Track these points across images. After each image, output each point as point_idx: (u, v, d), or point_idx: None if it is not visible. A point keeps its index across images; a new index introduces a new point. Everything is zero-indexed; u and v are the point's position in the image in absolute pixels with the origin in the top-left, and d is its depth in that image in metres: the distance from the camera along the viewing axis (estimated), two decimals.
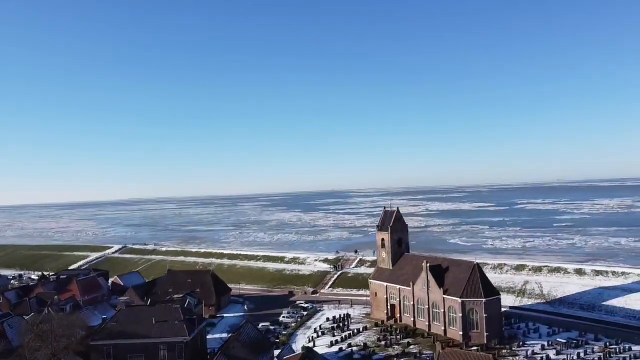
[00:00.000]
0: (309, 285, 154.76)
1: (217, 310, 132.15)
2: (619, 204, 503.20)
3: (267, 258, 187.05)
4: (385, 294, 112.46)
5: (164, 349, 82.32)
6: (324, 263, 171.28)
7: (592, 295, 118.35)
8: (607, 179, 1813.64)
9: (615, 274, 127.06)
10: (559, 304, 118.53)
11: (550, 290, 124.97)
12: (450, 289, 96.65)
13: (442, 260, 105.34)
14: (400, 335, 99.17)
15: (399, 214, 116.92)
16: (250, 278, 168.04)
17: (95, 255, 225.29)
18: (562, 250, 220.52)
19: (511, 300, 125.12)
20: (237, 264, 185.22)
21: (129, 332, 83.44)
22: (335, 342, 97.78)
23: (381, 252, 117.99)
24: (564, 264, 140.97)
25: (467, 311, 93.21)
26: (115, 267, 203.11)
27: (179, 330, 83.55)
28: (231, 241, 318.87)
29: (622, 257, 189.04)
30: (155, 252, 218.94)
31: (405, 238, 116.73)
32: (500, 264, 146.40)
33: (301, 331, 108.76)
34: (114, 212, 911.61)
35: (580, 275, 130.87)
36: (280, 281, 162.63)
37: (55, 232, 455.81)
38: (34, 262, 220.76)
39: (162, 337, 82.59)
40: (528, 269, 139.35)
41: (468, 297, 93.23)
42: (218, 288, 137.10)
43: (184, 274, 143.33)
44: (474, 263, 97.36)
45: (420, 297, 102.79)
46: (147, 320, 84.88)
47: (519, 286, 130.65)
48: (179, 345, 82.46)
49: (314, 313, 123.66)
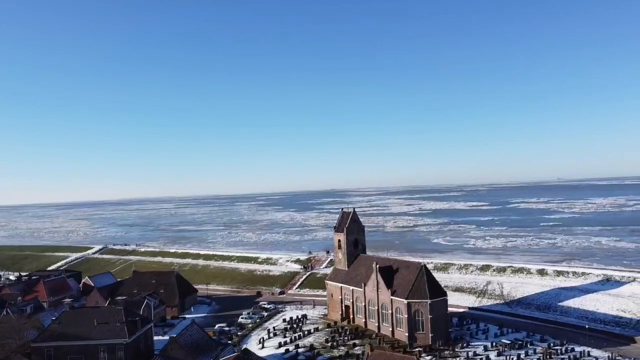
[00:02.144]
0: (277, 286, 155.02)
1: (180, 311, 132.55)
2: (612, 203, 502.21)
3: (241, 259, 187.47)
4: (340, 295, 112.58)
5: (104, 350, 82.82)
6: (295, 264, 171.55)
7: (549, 296, 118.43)
8: (607, 177, 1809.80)
9: (575, 274, 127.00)
10: (516, 305, 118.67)
11: (510, 290, 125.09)
12: (398, 290, 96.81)
13: (393, 262, 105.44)
14: (349, 336, 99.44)
15: (356, 216, 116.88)
16: (222, 279, 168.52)
17: (75, 255, 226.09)
18: (542, 250, 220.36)
19: (471, 301, 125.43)
20: (211, 265, 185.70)
21: (70, 334, 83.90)
22: (285, 343, 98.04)
23: (338, 253, 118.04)
24: (527, 265, 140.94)
25: (413, 312, 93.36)
26: (93, 267, 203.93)
27: (119, 332, 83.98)
28: (218, 241, 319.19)
29: (599, 257, 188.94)
30: (134, 253, 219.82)
31: (361, 239, 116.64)
32: (466, 265, 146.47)
33: (256, 332, 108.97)
34: (112, 212, 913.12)
35: (542, 275, 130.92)
36: (251, 282, 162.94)
37: (46, 232, 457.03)
38: (14, 263, 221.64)
39: (102, 339, 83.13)
40: (492, 270, 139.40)
41: (414, 299, 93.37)
42: (183, 289, 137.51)
43: (149, 274, 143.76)
44: (421, 264, 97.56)
45: (371, 298, 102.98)
46: (89, 322, 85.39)
47: (481, 287, 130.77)
48: (118, 347, 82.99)
49: (275, 314, 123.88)
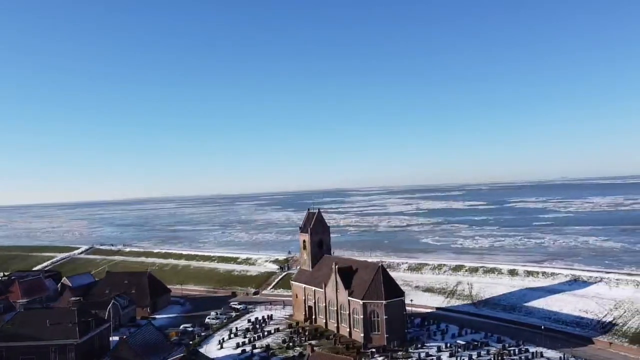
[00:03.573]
0: (253, 286, 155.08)
1: (152, 312, 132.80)
2: (609, 203, 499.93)
3: (221, 259, 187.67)
4: (304, 295, 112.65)
5: (55, 351, 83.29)
6: (273, 264, 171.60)
7: (516, 297, 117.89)
8: (612, 176, 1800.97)
9: (545, 274, 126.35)
10: (483, 305, 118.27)
11: (479, 291, 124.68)
12: (355, 290, 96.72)
13: (353, 262, 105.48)
14: (308, 337, 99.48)
15: (320, 216, 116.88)
16: (200, 279, 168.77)
17: (61, 255, 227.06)
18: (527, 250, 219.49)
19: (440, 301, 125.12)
20: (192, 265, 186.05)
21: (22, 334, 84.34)
22: (243, 344, 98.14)
23: (303, 254, 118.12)
24: (499, 265, 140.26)
25: (369, 313, 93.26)
26: (78, 267, 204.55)
27: (70, 332, 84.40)
28: (210, 241, 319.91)
29: (582, 257, 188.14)
30: (119, 253, 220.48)
31: (326, 240, 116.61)
32: (439, 265, 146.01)
33: (220, 333, 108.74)
34: (113, 212, 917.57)
35: (513, 276, 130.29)
36: (228, 282, 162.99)
37: (43, 232, 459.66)
38: (1, 263, 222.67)
39: (54, 340, 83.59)
40: (465, 270, 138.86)
41: (369, 299, 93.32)
42: (154, 289, 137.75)
43: (122, 275, 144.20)
44: (379, 265, 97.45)
45: (331, 299, 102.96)
46: (42, 323, 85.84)
47: (451, 287, 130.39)
48: (69, 347, 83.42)
49: (244, 314, 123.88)
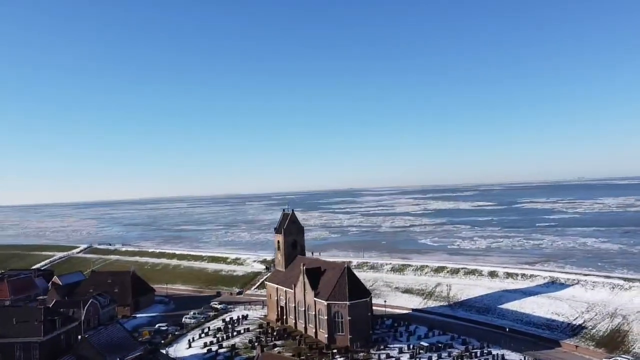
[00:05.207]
0: (238, 286, 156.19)
1: (133, 311, 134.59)
2: (620, 203, 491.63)
3: (212, 259, 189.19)
4: (277, 296, 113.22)
5: (20, 349, 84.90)
6: (261, 264, 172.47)
7: (492, 299, 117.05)
8: (627, 177, 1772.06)
9: (524, 276, 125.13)
10: (459, 307, 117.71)
11: (457, 292, 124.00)
12: (321, 291, 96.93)
13: (322, 263, 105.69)
14: (275, 337, 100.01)
15: (294, 217, 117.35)
16: (188, 278, 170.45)
17: (60, 254, 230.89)
18: (523, 251, 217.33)
19: (417, 303, 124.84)
20: (182, 265, 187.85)
21: None
22: (210, 343, 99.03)
23: (277, 254, 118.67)
24: (480, 266, 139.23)
25: (333, 314, 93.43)
26: (74, 266, 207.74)
27: (35, 330, 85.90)
28: (211, 241, 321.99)
29: (576, 259, 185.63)
30: (114, 253, 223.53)
31: (300, 240, 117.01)
32: (422, 266, 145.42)
33: (194, 332, 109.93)
34: (124, 211, 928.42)
35: (492, 277, 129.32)
36: (215, 282, 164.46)
37: (52, 232, 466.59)
38: (1, 262, 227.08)
39: (18, 338, 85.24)
40: (446, 271, 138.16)
41: (334, 300, 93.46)
42: (137, 288, 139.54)
43: (106, 274, 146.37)
44: (344, 266, 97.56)
45: (300, 299, 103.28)
46: (9, 321, 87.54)
47: (430, 288, 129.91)
48: (33, 345, 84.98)
49: (223, 314, 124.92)
